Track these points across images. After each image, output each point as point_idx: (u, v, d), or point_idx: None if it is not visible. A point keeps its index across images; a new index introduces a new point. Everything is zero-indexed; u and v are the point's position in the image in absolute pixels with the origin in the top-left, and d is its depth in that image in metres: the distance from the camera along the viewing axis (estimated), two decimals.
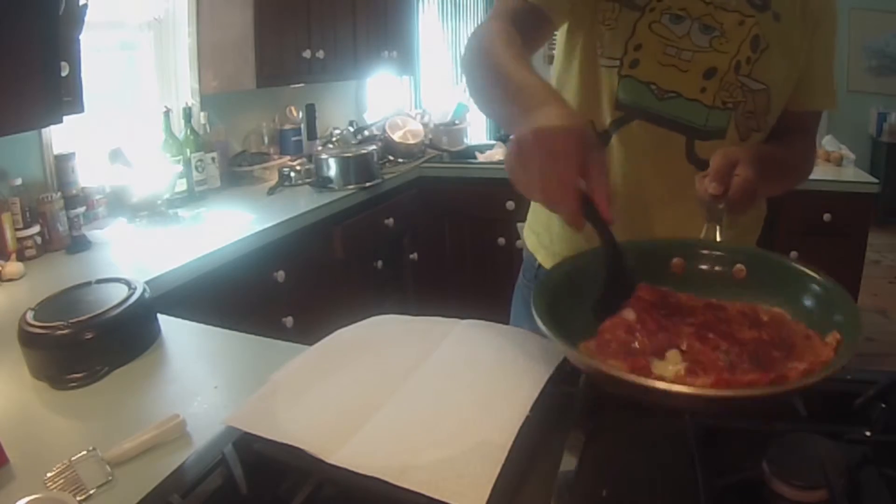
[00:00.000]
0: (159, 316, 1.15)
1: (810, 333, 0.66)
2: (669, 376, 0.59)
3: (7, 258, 1.68)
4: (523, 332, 0.84)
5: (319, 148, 2.82)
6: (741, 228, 1.02)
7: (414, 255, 2.93)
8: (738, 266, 0.78)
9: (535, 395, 0.70)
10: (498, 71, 0.80)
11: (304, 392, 0.73)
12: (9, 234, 1.71)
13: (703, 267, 0.80)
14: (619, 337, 0.65)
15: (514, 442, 0.63)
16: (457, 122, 3.38)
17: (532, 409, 0.67)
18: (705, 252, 0.81)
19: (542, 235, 1.13)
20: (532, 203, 1.15)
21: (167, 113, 2.28)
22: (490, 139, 3.73)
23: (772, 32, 0.93)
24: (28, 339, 1.00)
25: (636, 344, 0.63)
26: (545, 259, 1.11)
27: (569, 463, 0.65)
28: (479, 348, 0.83)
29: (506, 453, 0.61)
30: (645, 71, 0.94)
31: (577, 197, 0.62)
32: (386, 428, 0.66)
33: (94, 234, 1.91)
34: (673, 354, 0.62)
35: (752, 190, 0.78)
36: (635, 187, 0.99)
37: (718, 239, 0.81)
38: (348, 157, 2.52)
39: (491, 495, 0.56)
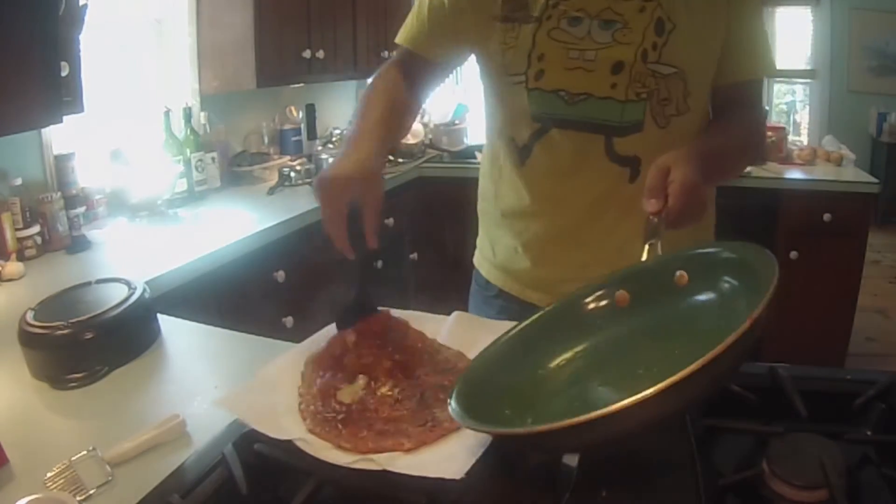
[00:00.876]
0: (159, 316, 1.15)
1: None
2: (347, 400, 0.73)
3: (7, 258, 1.68)
4: (506, 323, 0.85)
5: (319, 148, 2.82)
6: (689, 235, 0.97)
7: (414, 255, 2.93)
8: (679, 273, 0.73)
9: None
10: (355, 114, 1.02)
11: (281, 383, 0.78)
12: (9, 234, 1.71)
13: (648, 288, 0.75)
14: (334, 352, 0.81)
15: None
16: (457, 122, 3.38)
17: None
18: (643, 273, 0.76)
19: (486, 250, 1.18)
20: (479, 221, 1.20)
21: (167, 113, 2.28)
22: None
23: (678, 11, 0.91)
24: (28, 339, 1.00)
25: (346, 360, 0.78)
26: (488, 272, 1.16)
27: (569, 463, 0.65)
28: (469, 336, 0.86)
29: (489, 440, 0.63)
30: (551, 80, 0.94)
31: (344, 234, 0.83)
32: None
33: (94, 234, 1.91)
34: (362, 380, 0.76)
35: (693, 189, 0.74)
36: (564, 192, 1.00)
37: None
38: None
39: (472, 478, 0.57)
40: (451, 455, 0.62)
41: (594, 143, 0.96)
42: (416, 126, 3.13)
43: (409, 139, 3.04)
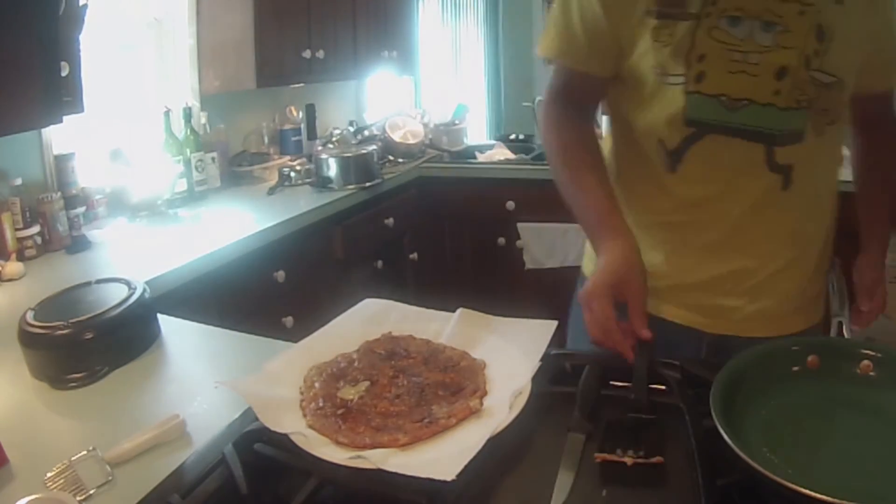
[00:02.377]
0: (159, 316, 1.15)
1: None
2: (347, 397, 0.74)
3: (7, 258, 1.68)
4: (510, 320, 0.85)
5: (319, 148, 2.81)
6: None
7: (414, 255, 2.93)
8: (865, 363, 0.74)
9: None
10: (571, 186, 0.99)
11: (286, 378, 0.79)
12: (9, 234, 1.71)
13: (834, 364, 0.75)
14: (339, 364, 0.82)
15: (500, 432, 0.65)
16: (457, 122, 3.38)
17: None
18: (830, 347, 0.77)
19: None
20: None
21: (167, 113, 2.28)
22: (490, 139, 3.73)
23: (835, 18, 0.87)
24: (28, 339, 1.00)
25: (350, 370, 0.80)
26: None
27: (569, 463, 0.65)
28: (472, 335, 0.86)
29: (485, 440, 0.63)
30: (712, 83, 0.88)
31: (624, 343, 0.79)
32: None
33: (94, 234, 1.91)
34: (365, 383, 0.77)
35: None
36: (716, 203, 0.95)
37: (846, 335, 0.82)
38: (348, 157, 2.52)
39: (471, 477, 0.57)
40: (445, 455, 0.62)
41: (754, 152, 0.91)
42: (416, 126, 3.13)
43: (409, 139, 3.04)
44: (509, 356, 0.80)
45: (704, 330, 0.99)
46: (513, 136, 3.43)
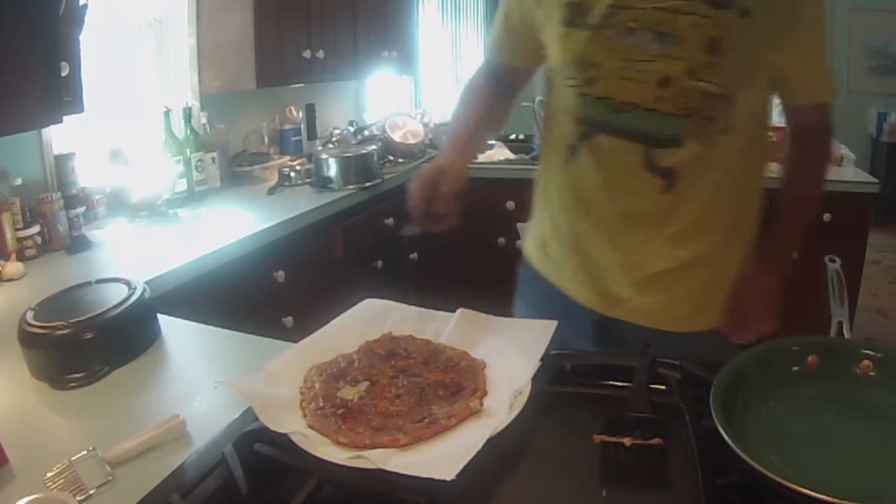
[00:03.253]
0: (159, 316, 1.15)
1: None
2: (347, 398, 0.74)
3: (7, 258, 1.68)
4: (510, 320, 0.85)
5: (319, 148, 2.82)
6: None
7: (414, 255, 2.93)
8: (866, 363, 0.74)
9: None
10: (452, 117, 1.22)
11: (286, 379, 0.79)
12: (9, 234, 1.71)
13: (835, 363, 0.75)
14: (339, 364, 0.82)
15: (500, 432, 0.66)
16: None
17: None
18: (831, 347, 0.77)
19: (534, 240, 1.20)
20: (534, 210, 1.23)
21: (167, 113, 2.27)
22: (490, 140, 3.73)
23: (737, 31, 0.90)
24: (28, 339, 1.00)
25: (350, 371, 0.81)
26: (537, 262, 1.18)
27: (569, 463, 0.65)
28: (472, 335, 0.86)
29: (484, 440, 0.63)
30: (601, 87, 0.96)
31: (420, 215, 1.02)
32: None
33: (94, 234, 1.91)
34: (365, 384, 0.77)
35: (767, 304, 1.02)
36: (602, 197, 1.03)
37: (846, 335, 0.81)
38: (348, 157, 2.52)
39: (471, 477, 0.57)
40: (445, 455, 0.62)
41: (634, 152, 0.97)
42: (416, 126, 3.13)
43: (409, 139, 3.04)
44: (509, 356, 0.80)
45: (596, 310, 1.06)
46: (513, 136, 3.42)
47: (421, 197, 1.01)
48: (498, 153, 3.09)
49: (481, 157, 3.09)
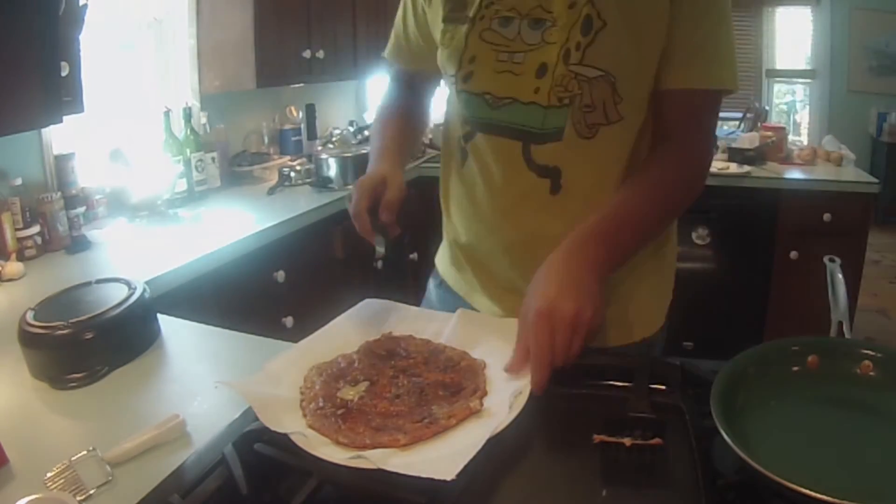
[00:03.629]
0: (159, 316, 1.15)
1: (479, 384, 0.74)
2: (347, 398, 0.74)
3: (7, 258, 1.68)
4: (510, 320, 0.85)
5: (319, 148, 2.82)
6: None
7: (414, 255, 2.93)
8: (866, 363, 0.73)
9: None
10: (373, 134, 1.14)
11: (285, 379, 0.78)
12: (9, 234, 1.71)
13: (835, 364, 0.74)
14: (339, 364, 0.82)
15: (500, 432, 0.65)
16: None
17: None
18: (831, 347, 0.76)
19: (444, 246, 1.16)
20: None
21: (167, 113, 2.28)
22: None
23: (610, 8, 0.83)
24: (28, 339, 1.00)
25: (350, 371, 0.79)
26: (443, 269, 1.15)
27: (569, 463, 0.65)
28: (472, 335, 0.86)
29: (485, 440, 0.63)
30: (478, 82, 0.91)
31: (367, 224, 0.94)
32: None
33: (94, 234, 1.91)
34: (364, 384, 0.76)
35: (550, 318, 0.72)
36: (491, 196, 0.97)
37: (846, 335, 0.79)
38: (348, 157, 2.52)
39: (471, 477, 0.57)
40: (445, 455, 0.62)
41: (512, 150, 0.91)
42: None
43: None
44: (509, 356, 0.80)
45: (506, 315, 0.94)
46: None
47: (364, 207, 0.93)
48: None
49: None
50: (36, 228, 1.78)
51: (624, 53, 0.85)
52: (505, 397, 0.71)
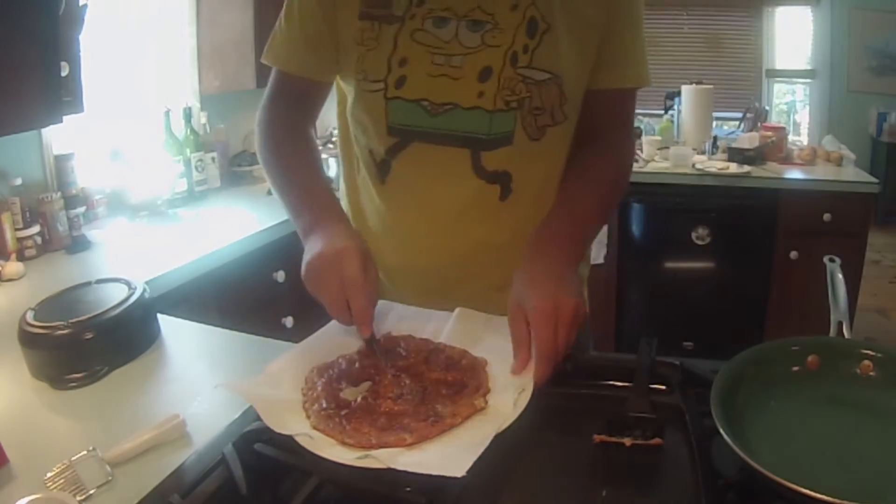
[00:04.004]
0: (159, 316, 1.15)
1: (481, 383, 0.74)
2: (350, 398, 0.73)
3: (7, 258, 1.68)
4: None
5: (319, 148, 2.81)
6: None
7: None
8: (866, 363, 0.73)
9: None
10: (286, 177, 0.92)
11: (287, 380, 0.78)
12: (9, 234, 1.71)
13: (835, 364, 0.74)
14: (340, 365, 0.80)
15: (505, 430, 0.66)
16: None
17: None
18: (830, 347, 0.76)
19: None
20: None
21: (167, 113, 2.28)
22: None
23: (554, 9, 0.83)
24: (28, 339, 1.00)
25: (352, 371, 0.78)
26: None
27: (569, 463, 0.65)
28: (471, 333, 0.86)
29: (491, 437, 0.63)
30: (413, 88, 0.85)
31: (346, 313, 0.78)
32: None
33: (94, 234, 1.91)
34: (366, 384, 0.76)
35: (554, 312, 0.72)
36: (427, 210, 0.92)
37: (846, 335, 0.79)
38: None
39: (471, 477, 0.57)
40: (453, 452, 0.62)
41: (459, 159, 0.87)
42: None
43: None
44: (509, 354, 0.80)
45: None
46: None
47: (344, 309, 0.78)
48: None
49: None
50: (36, 228, 1.78)
51: (568, 55, 0.86)
52: (508, 395, 0.71)
